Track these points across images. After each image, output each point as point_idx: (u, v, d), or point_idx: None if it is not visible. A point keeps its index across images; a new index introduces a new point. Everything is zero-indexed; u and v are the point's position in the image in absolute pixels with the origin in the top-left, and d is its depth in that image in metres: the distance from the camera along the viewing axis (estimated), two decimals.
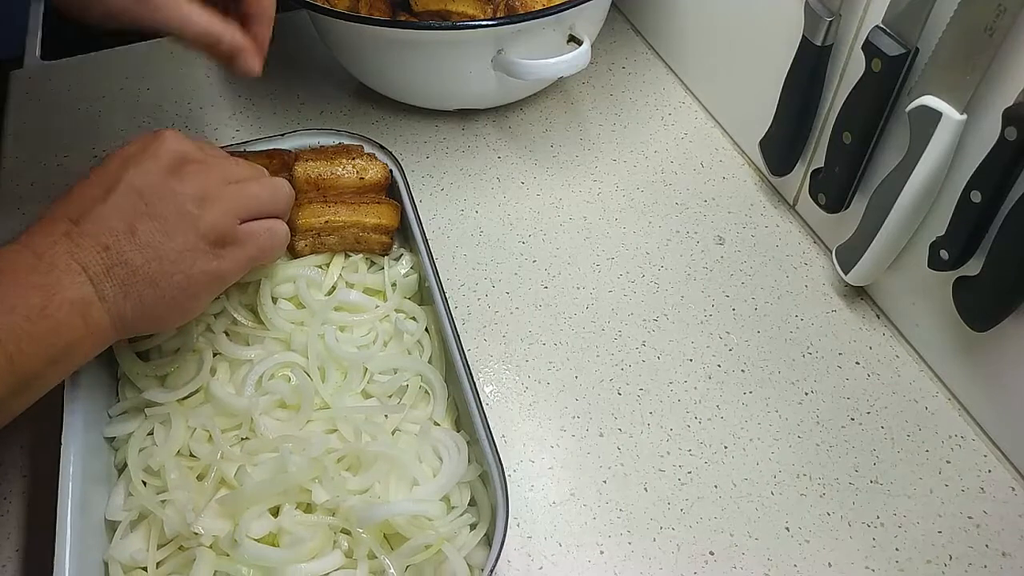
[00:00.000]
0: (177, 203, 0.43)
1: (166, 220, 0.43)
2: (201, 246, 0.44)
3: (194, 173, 0.45)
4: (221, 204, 0.45)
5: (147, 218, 0.42)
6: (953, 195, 0.48)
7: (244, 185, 0.47)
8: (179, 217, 0.43)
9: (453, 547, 0.43)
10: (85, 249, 0.41)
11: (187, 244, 0.43)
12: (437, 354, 0.53)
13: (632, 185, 0.69)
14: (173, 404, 0.48)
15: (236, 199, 0.46)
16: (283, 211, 0.50)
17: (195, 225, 0.43)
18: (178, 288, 0.43)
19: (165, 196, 0.43)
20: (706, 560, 0.48)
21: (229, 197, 0.45)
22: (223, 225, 0.45)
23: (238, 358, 0.51)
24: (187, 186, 0.44)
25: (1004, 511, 0.50)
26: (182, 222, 0.43)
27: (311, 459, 0.45)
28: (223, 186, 0.45)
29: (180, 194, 0.43)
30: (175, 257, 0.43)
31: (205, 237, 0.44)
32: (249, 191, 0.47)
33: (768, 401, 0.55)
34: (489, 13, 0.67)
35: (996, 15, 0.42)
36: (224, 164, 0.47)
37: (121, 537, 0.44)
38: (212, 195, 0.44)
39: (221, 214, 0.45)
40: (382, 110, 0.75)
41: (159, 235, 0.42)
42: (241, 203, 0.46)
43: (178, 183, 0.44)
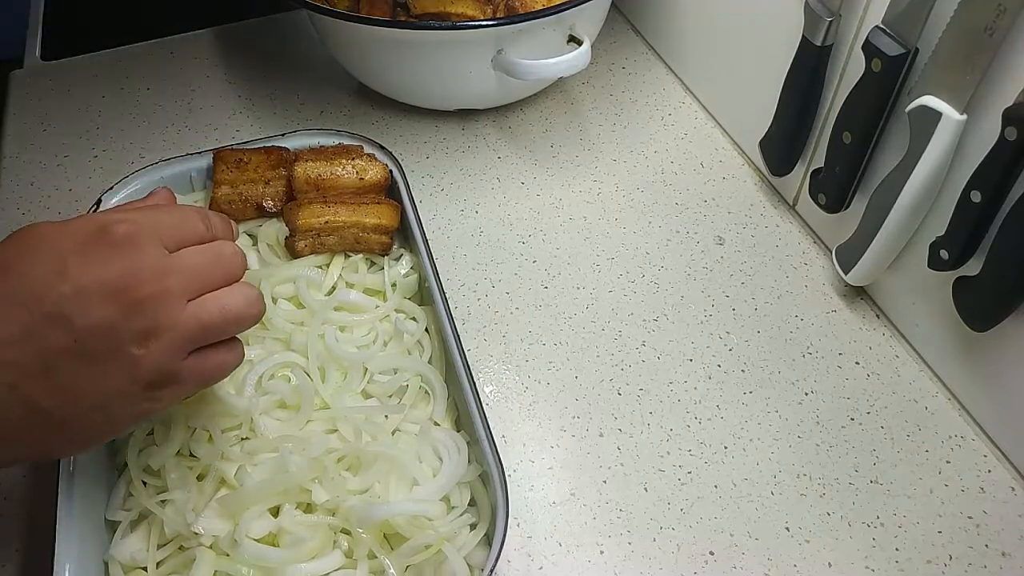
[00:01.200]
0: (116, 341, 0.35)
1: (97, 361, 0.35)
2: (135, 390, 0.36)
3: (143, 298, 0.35)
4: (170, 337, 0.36)
5: (72, 357, 0.34)
6: (953, 195, 0.48)
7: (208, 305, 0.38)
8: (115, 358, 0.35)
9: (453, 547, 0.43)
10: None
11: (117, 390, 0.36)
12: (437, 354, 0.52)
13: (632, 185, 0.69)
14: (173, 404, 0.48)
15: (193, 327, 0.37)
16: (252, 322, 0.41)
17: (133, 369, 0.35)
18: (93, 432, 0.37)
19: (99, 331, 0.34)
20: (706, 560, 0.48)
21: (187, 325, 0.37)
22: (166, 366, 0.37)
23: None
24: (131, 317, 0.35)
25: (1004, 511, 0.50)
26: (118, 364, 0.35)
27: (311, 459, 0.45)
28: (182, 307, 0.37)
29: (119, 328, 0.35)
30: (99, 403, 0.35)
31: (142, 381, 0.36)
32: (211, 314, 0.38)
33: (768, 401, 0.55)
34: (489, 13, 0.67)
35: (996, 15, 0.42)
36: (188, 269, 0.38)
37: (121, 537, 0.44)
38: (163, 325, 0.36)
39: (168, 352, 0.36)
40: (382, 110, 0.75)
41: (84, 379, 0.35)
42: (197, 335, 0.37)
43: (119, 313, 0.35)
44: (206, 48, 0.82)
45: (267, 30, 0.84)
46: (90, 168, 0.70)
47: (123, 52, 0.81)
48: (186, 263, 0.37)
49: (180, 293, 0.37)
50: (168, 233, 0.38)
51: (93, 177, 0.69)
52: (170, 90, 0.77)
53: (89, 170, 0.70)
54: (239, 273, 0.40)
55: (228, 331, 0.40)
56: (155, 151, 0.71)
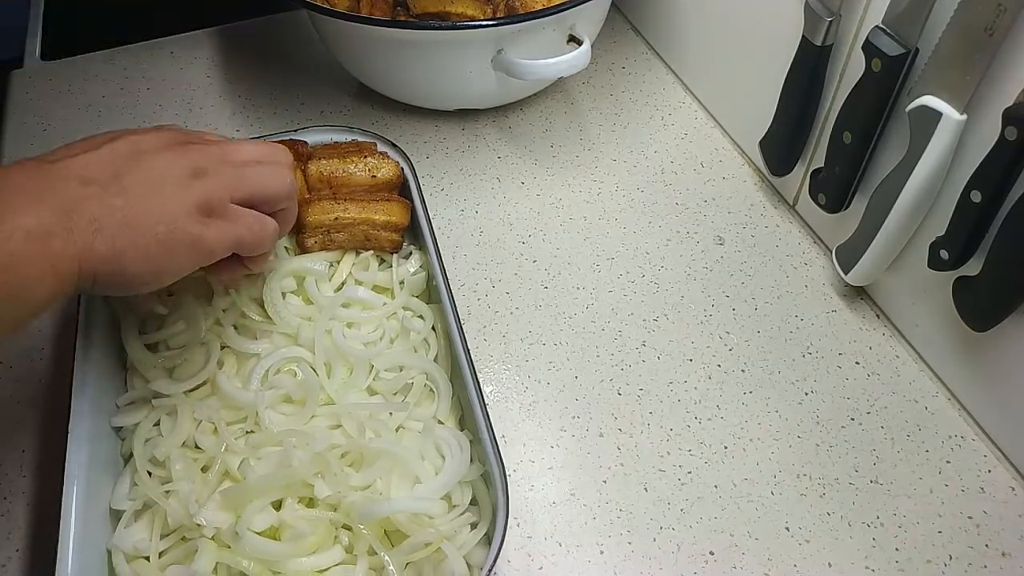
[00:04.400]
0: (171, 171, 0.41)
1: (156, 178, 0.40)
2: (188, 208, 0.41)
3: (194, 150, 0.43)
4: (217, 180, 0.42)
5: (137, 171, 0.40)
6: (953, 195, 0.48)
7: (245, 168, 0.44)
8: (170, 180, 0.41)
9: (453, 546, 0.43)
10: (57, 179, 0.37)
11: (173, 203, 0.40)
12: (443, 353, 0.53)
13: (632, 185, 0.69)
14: (180, 396, 0.49)
15: (233, 177, 0.43)
16: (285, 197, 0.47)
17: (186, 191, 0.41)
18: (156, 240, 0.39)
19: (159, 161, 0.41)
20: (706, 560, 0.48)
21: (227, 175, 0.43)
22: (215, 197, 0.42)
23: (245, 352, 0.51)
24: (183, 160, 0.42)
25: (1004, 511, 0.50)
26: (172, 185, 0.41)
27: (314, 454, 0.45)
28: (221, 164, 0.43)
29: (175, 164, 0.41)
30: (159, 210, 0.39)
31: (194, 202, 0.41)
32: (249, 173, 0.44)
33: (768, 401, 0.55)
34: (489, 13, 0.67)
35: (996, 15, 0.42)
36: (227, 145, 0.45)
37: (125, 526, 0.45)
38: (209, 171, 0.42)
39: (215, 187, 0.42)
40: (382, 110, 0.75)
41: (145, 187, 0.39)
42: (237, 183, 0.43)
43: (175, 155, 0.42)
44: (206, 48, 0.82)
45: (267, 30, 0.84)
46: None
47: (123, 52, 0.81)
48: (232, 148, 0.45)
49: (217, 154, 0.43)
50: None
51: None
52: (170, 90, 0.77)
53: None
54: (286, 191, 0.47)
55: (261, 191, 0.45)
56: None
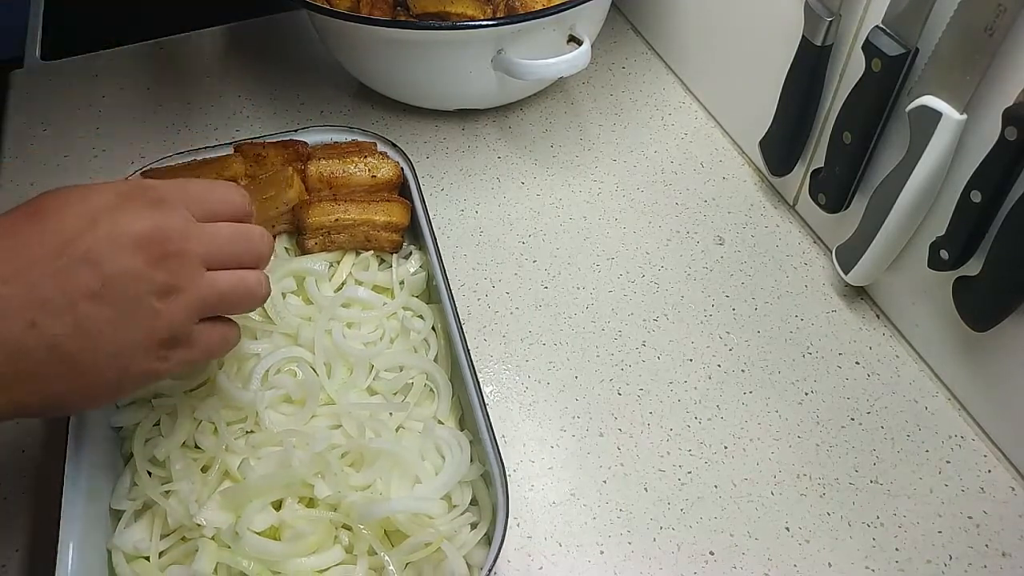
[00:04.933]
0: (138, 291, 0.36)
1: (119, 309, 0.36)
2: (150, 345, 0.37)
3: (168, 254, 0.37)
4: (190, 296, 0.38)
5: (97, 301, 0.35)
6: (953, 195, 0.48)
7: (221, 277, 0.40)
8: (136, 309, 0.36)
9: (453, 546, 0.43)
10: (6, 318, 0.34)
11: (135, 342, 0.37)
12: (443, 353, 0.53)
13: (632, 185, 0.69)
14: (180, 396, 0.49)
15: (207, 292, 0.39)
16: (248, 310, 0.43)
17: (152, 322, 0.37)
18: (104, 384, 0.37)
19: (126, 279, 0.36)
20: (706, 560, 0.48)
21: (201, 289, 0.39)
22: (181, 325, 0.38)
23: (246, 352, 0.51)
24: (156, 271, 0.36)
25: (1004, 511, 0.50)
26: (138, 315, 0.36)
27: (314, 454, 0.45)
28: (200, 272, 0.39)
29: (144, 280, 0.36)
30: (116, 352, 0.36)
31: (157, 337, 0.37)
32: (223, 284, 0.40)
33: (768, 401, 0.55)
34: (489, 13, 0.67)
35: (996, 15, 0.42)
36: (208, 238, 0.39)
37: (125, 526, 0.45)
38: (183, 285, 0.38)
39: (184, 312, 0.38)
40: (382, 110, 0.75)
41: (105, 324, 0.35)
42: (211, 297, 0.39)
43: (145, 265, 0.36)
44: (206, 48, 0.82)
45: (267, 30, 0.84)
46: (90, 168, 0.70)
47: (123, 52, 0.81)
48: (210, 232, 0.39)
49: (201, 258, 0.38)
50: (197, 204, 0.39)
51: (93, 177, 0.69)
52: (170, 90, 0.77)
53: (89, 170, 0.70)
54: (264, 255, 0.42)
55: (238, 306, 0.42)
56: (155, 151, 0.71)
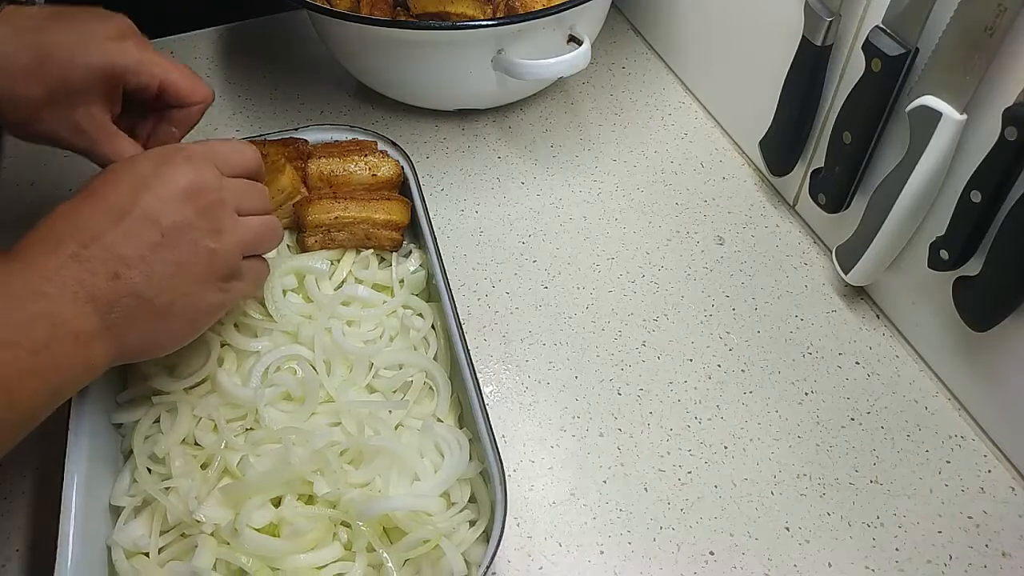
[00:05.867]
0: (193, 236, 0.42)
1: (181, 252, 0.41)
2: (212, 280, 0.43)
3: (210, 204, 0.43)
4: (233, 237, 0.44)
5: (162, 249, 0.41)
6: (953, 195, 0.48)
7: (251, 221, 0.46)
8: (195, 251, 0.42)
9: (451, 543, 0.43)
10: (94, 275, 0.39)
11: (200, 278, 0.42)
12: (443, 351, 0.53)
13: (632, 185, 0.69)
14: (180, 393, 0.49)
15: (246, 233, 0.45)
16: (273, 248, 0.49)
17: (210, 260, 0.43)
18: (184, 321, 0.43)
19: (181, 227, 0.41)
20: (706, 560, 0.48)
21: (241, 231, 0.45)
22: (233, 260, 0.44)
23: (246, 349, 0.51)
24: (203, 218, 0.42)
25: (1004, 511, 0.50)
26: (197, 256, 0.42)
27: (313, 451, 0.45)
28: (236, 217, 0.44)
29: (196, 227, 0.42)
30: (187, 290, 0.42)
31: (217, 272, 0.43)
32: (255, 226, 0.46)
33: (768, 401, 0.55)
34: (489, 13, 0.67)
35: (996, 15, 0.42)
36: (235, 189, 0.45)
37: (125, 522, 0.45)
38: (226, 228, 0.43)
39: (233, 249, 0.44)
40: (382, 110, 0.75)
41: (173, 267, 0.41)
42: (249, 238, 0.45)
43: (194, 214, 0.42)
44: (206, 48, 0.82)
45: (267, 30, 0.84)
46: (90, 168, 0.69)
47: None
48: (235, 184, 0.45)
49: (232, 205, 0.44)
50: (223, 161, 0.45)
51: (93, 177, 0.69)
52: None
53: (89, 170, 0.69)
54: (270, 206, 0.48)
55: (268, 244, 0.47)
56: None
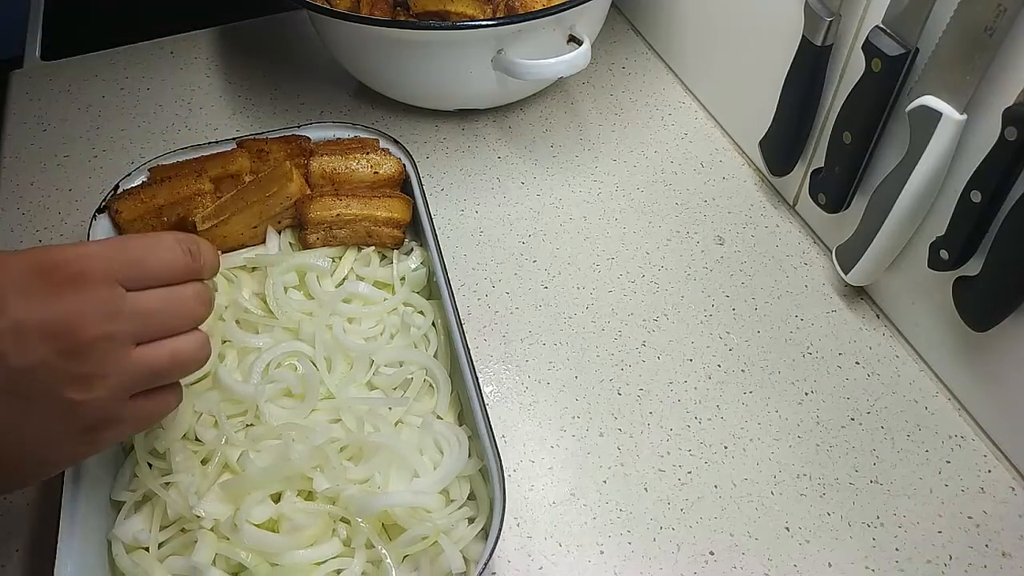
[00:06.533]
0: (51, 384, 0.32)
1: (31, 403, 0.32)
2: (71, 434, 0.34)
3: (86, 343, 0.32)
4: (114, 381, 0.34)
5: (6, 397, 0.32)
6: (953, 195, 0.48)
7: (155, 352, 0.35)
8: (49, 402, 0.33)
9: (450, 540, 0.43)
10: None
11: (52, 433, 0.33)
12: (443, 348, 0.53)
13: (632, 185, 0.69)
14: None
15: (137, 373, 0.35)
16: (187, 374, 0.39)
17: (71, 413, 0.33)
18: (22, 472, 0.35)
19: (39, 375, 0.32)
20: (706, 560, 0.48)
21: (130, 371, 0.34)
22: (108, 411, 0.35)
23: (246, 346, 0.51)
24: (70, 362, 0.32)
25: (1004, 511, 0.50)
26: (52, 407, 0.33)
27: (313, 447, 0.45)
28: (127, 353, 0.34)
29: (57, 373, 0.32)
30: (29, 445, 0.33)
31: (80, 425, 0.34)
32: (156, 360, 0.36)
33: (768, 401, 0.55)
34: (489, 13, 0.67)
35: (996, 15, 0.42)
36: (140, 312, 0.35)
37: (125, 517, 0.45)
38: (105, 371, 0.33)
39: (110, 398, 0.34)
40: (382, 110, 0.75)
41: (15, 419, 0.32)
42: (143, 376, 0.35)
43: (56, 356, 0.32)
44: (206, 48, 0.82)
45: (267, 30, 0.84)
46: (90, 168, 0.70)
47: (123, 52, 0.81)
48: (140, 306, 0.35)
49: (128, 338, 0.34)
50: (127, 269, 0.35)
51: (93, 177, 0.69)
52: (170, 90, 0.77)
53: (89, 170, 0.70)
54: (200, 317, 0.38)
55: (176, 375, 0.38)
56: (155, 151, 0.70)
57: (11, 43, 0.86)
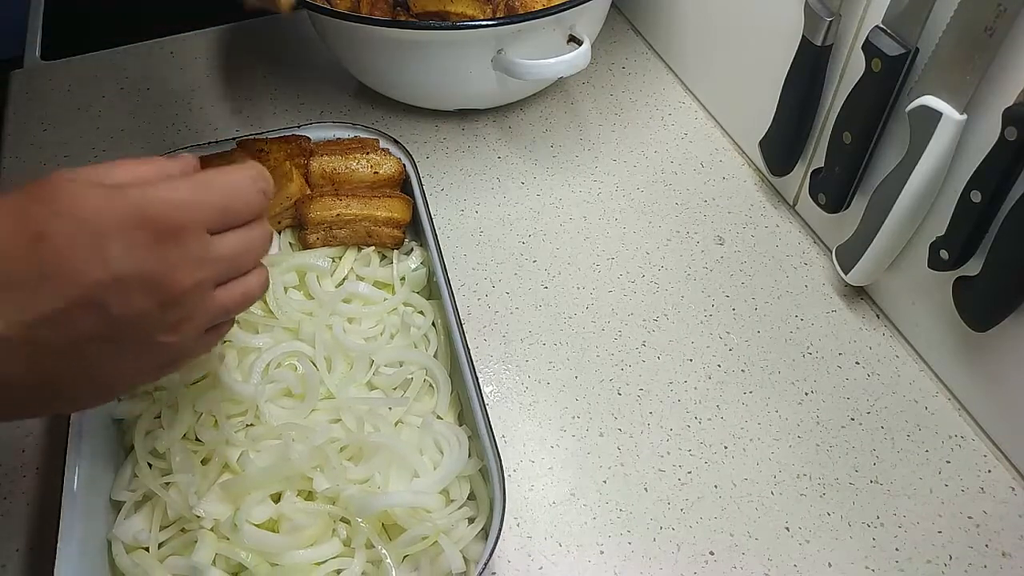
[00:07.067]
0: (148, 330, 0.34)
1: (124, 347, 0.34)
2: (148, 370, 0.37)
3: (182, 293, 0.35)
4: (198, 323, 0.37)
5: (101, 342, 0.33)
6: (953, 195, 0.48)
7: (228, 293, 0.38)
8: (142, 344, 0.35)
9: (450, 540, 0.43)
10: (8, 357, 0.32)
11: (131, 369, 0.36)
12: (443, 349, 0.53)
13: (632, 185, 0.69)
14: (181, 388, 0.49)
15: (214, 314, 0.37)
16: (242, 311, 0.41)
17: (158, 354, 0.36)
18: (94, 399, 0.38)
19: (137, 322, 0.34)
20: (706, 560, 0.48)
21: (210, 312, 0.37)
22: (186, 347, 0.37)
23: (247, 346, 0.51)
24: (167, 311, 0.34)
25: (1004, 511, 0.50)
26: (144, 351, 0.35)
27: (313, 447, 0.45)
28: (210, 296, 0.37)
29: (154, 321, 0.34)
30: (111, 380, 0.36)
31: (159, 363, 0.37)
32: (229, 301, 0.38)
33: (768, 401, 0.55)
34: (489, 13, 0.67)
35: (996, 15, 0.42)
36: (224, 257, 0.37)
37: (125, 517, 0.45)
38: (193, 315, 0.36)
39: (191, 336, 0.37)
40: (382, 110, 0.75)
41: (107, 361, 0.34)
42: (217, 314, 0.38)
43: (157, 307, 0.34)
44: (206, 48, 0.82)
45: (267, 30, 0.84)
46: None
47: (123, 52, 0.81)
48: (223, 251, 0.37)
49: (212, 283, 0.37)
50: (215, 216, 0.36)
51: None
52: (170, 90, 0.77)
53: None
54: (263, 255, 0.40)
55: (241, 312, 0.40)
56: (155, 151, 0.71)
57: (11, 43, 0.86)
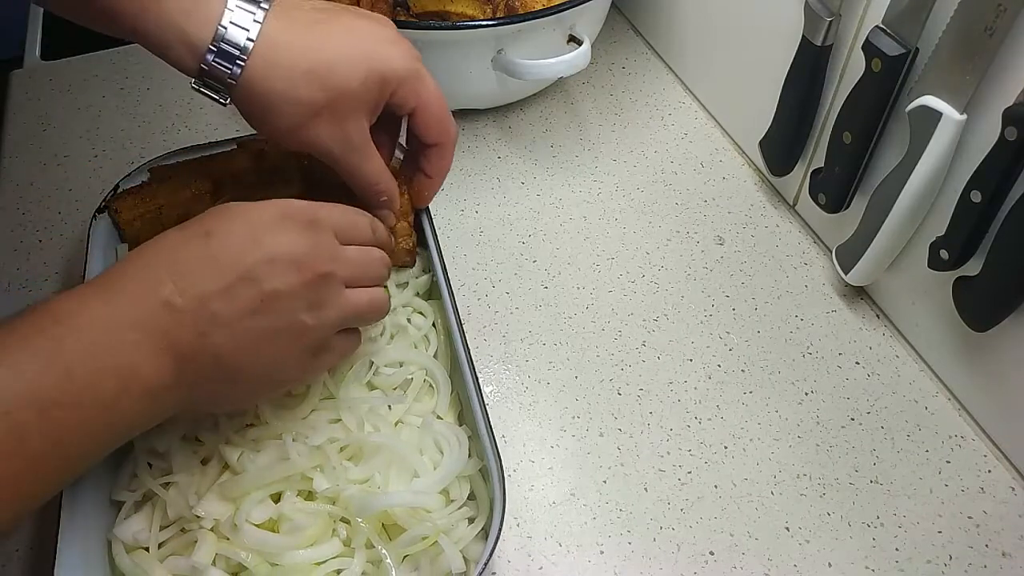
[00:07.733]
0: (293, 307, 0.40)
1: (275, 321, 0.40)
2: (297, 354, 0.41)
3: (319, 276, 0.41)
4: (334, 313, 0.42)
5: (257, 315, 0.39)
6: (953, 195, 0.48)
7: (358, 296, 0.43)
8: (289, 322, 0.40)
9: (450, 540, 0.43)
10: (183, 328, 0.37)
11: (285, 350, 0.41)
12: (443, 349, 0.53)
13: (632, 185, 0.69)
14: None
15: (348, 309, 0.43)
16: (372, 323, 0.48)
17: (302, 333, 0.41)
18: (253, 388, 0.42)
19: (283, 297, 0.39)
20: (706, 560, 0.48)
21: (344, 307, 0.42)
22: (325, 337, 0.42)
23: None
24: (308, 290, 0.40)
25: (1004, 511, 0.50)
26: (291, 328, 0.40)
27: (313, 448, 0.45)
28: (342, 291, 0.42)
29: (298, 299, 0.40)
30: (269, 362, 0.40)
31: (305, 346, 0.41)
32: (359, 302, 0.43)
33: (768, 401, 0.55)
34: (489, 13, 0.67)
35: (996, 15, 0.42)
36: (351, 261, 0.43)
37: (125, 517, 0.45)
38: (329, 303, 0.41)
39: (331, 325, 0.42)
40: None
41: (262, 334, 0.39)
42: (349, 313, 0.43)
43: (300, 285, 0.40)
44: None
45: None
46: (90, 168, 0.70)
47: (123, 52, 0.81)
48: (349, 256, 0.43)
49: (342, 280, 0.42)
50: (341, 228, 0.43)
51: (93, 177, 0.69)
52: (170, 90, 0.77)
53: (89, 170, 0.70)
54: (384, 278, 0.46)
55: (365, 320, 0.45)
56: (155, 151, 0.70)
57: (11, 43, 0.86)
